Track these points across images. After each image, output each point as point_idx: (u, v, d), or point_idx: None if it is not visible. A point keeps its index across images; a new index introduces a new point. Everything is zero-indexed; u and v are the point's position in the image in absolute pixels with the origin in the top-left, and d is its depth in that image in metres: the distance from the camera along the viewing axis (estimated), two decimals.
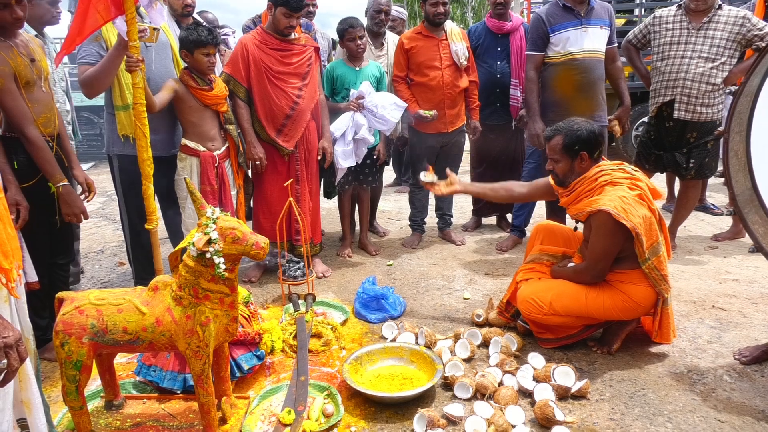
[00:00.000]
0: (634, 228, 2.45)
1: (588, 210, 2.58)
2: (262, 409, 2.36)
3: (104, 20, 2.61)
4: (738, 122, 2.08)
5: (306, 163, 3.70)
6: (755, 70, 1.98)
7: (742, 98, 2.03)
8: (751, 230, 2.06)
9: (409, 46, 4.05)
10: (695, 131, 3.82)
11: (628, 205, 2.48)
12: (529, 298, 2.73)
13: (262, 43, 3.46)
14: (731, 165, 2.12)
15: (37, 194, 2.51)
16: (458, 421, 2.21)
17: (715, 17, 3.68)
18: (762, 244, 2.03)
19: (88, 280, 4.03)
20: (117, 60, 2.83)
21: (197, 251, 1.91)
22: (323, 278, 3.86)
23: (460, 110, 4.24)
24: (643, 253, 2.51)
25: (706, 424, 2.20)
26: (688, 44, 3.73)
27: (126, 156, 3.18)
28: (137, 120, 2.67)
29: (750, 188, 2.07)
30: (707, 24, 3.69)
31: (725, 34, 3.64)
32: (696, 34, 3.71)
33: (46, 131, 2.54)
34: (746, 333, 2.91)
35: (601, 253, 2.60)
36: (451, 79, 4.07)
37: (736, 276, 3.68)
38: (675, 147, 3.90)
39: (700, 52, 3.70)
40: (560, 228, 3.11)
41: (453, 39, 4.06)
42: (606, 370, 2.61)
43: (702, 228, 4.80)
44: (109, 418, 2.26)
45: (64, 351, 1.95)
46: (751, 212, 2.08)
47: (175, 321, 1.97)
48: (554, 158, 2.72)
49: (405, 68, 4.12)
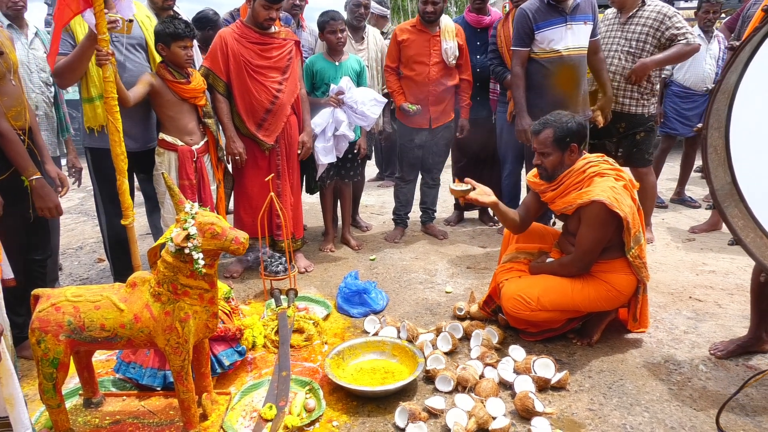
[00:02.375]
0: (626, 217, 2.49)
1: (579, 202, 2.60)
2: (243, 405, 2.35)
3: (74, 13, 2.59)
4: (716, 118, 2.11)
5: (287, 157, 3.68)
6: (731, 68, 2.01)
7: (719, 95, 2.06)
8: (731, 224, 2.09)
9: (401, 38, 4.05)
10: (623, 122, 3.96)
11: (618, 195, 2.53)
12: (516, 296, 2.71)
13: (241, 37, 3.42)
14: (710, 160, 2.14)
15: (9, 189, 2.46)
16: (439, 413, 2.23)
17: (639, 12, 3.82)
18: (741, 236, 2.06)
19: (67, 277, 3.98)
20: (88, 51, 2.79)
21: (176, 247, 1.90)
22: (305, 273, 3.85)
23: (447, 107, 4.23)
24: (630, 241, 2.55)
25: (681, 413, 2.24)
26: (615, 38, 3.92)
27: (97, 149, 3.15)
28: (109, 114, 2.64)
29: (730, 182, 2.10)
30: (631, 19, 3.85)
31: (645, 29, 3.78)
32: (621, 29, 3.89)
33: (16, 124, 2.49)
34: (722, 323, 2.96)
35: (591, 243, 2.62)
36: (438, 76, 4.06)
37: (713, 267, 3.75)
38: (605, 136, 4.03)
39: (623, 46, 3.86)
40: (534, 225, 3.12)
41: (445, 36, 4.04)
42: (585, 361, 2.64)
43: (680, 220, 4.88)
44: (88, 416, 2.24)
45: (40, 348, 1.92)
46: (730, 206, 2.11)
47: (154, 317, 1.96)
48: (544, 152, 2.72)
49: (396, 59, 4.12)
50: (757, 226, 2.02)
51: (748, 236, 2.06)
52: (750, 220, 2.05)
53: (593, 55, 3.78)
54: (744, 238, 2.05)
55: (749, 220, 2.05)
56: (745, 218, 2.07)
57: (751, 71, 1.97)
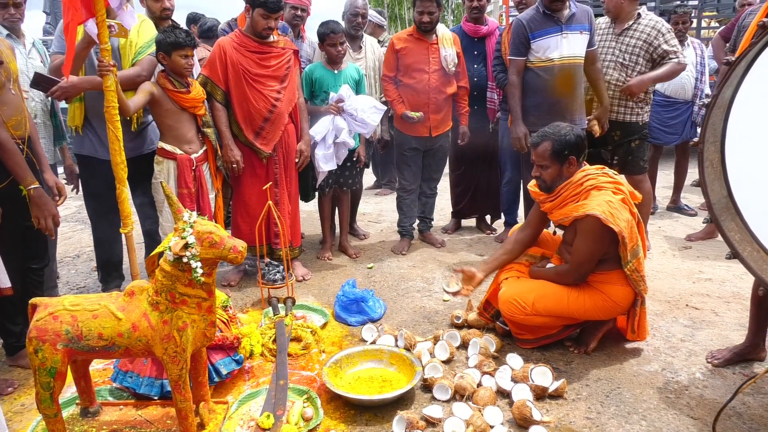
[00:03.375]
0: (621, 232, 2.49)
1: (575, 215, 2.61)
2: (240, 414, 2.34)
3: (77, 22, 2.61)
4: (712, 132, 2.12)
5: (285, 166, 3.69)
6: (727, 83, 2.02)
7: (715, 110, 2.07)
8: (728, 237, 2.09)
9: (399, 47, 4.06)
10: (618, 130, 3.98)
11: (614, 209, 2.52)
12: (512, 299, 2.74)
13: (240, 46, 3.44)
14: (707, 174, 2.15)
15: (7, 198, 2.47)
16: (437, 422, 2.23)
17: (634, 26, 3.84)
18: (738, 250, 2.06)
19: (64, 285, 3.97)
20: (83, 53, 2.88)
21: (174, 256, 1.90)
22: (303, 281, 3.85)
23: (446, 115, 4.24)
24: (626, 255, 2.56)
25: (679, 421, 2.24)
26: (609, 48, 3.93)
27: (79, 156, 3.24)
28: (109, 123, 2.66)
29: (726, 196, 2.11)
30: (626, 31, 3.86)
31: (639, 43, 3.80)
32: (616, 40, 3.90)
33: (16, 134, 2.49)
34: (718, 331, 2.97)
35: (586, 256, 2.64)
36: (438, 84, 4.07)
37: (709, 275, 3.76)
38: (600, 144, 4.05)
39: (616, 57, 3.88)
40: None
41: (443, 44, 4.05)
42: (583, 369, 2.65)
43: (676, 228, 4.89)
44: (85, 426, 2.23)
45: (37, 358, 1.92)
46: (727, 220, 2.11)
47: (152, 326, 1.96)
48: (542, 164, 2.73)
49: (394, 68, 4.12)
50: (754, 240, 2.02)
51: (745, 250, 2.06)
52: (747, 233, 2.05)
53: (590, 65, 3.81)
54: (741, 252, 2.05)
55: (746, 234, 2.05)
56: (742, 232, 2.08)
57: (746, 86, 1.98)
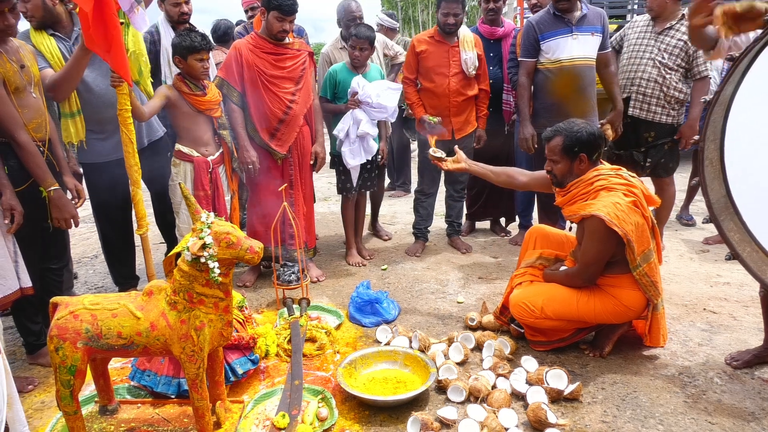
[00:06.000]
0: (626, 235, 2.47)
1: (581, 213, 2.60)
2: (256, 414, 2.36)
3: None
4: (713, 130, 2.09)
5: (300, 167, 3.71)
6: (729, 80, 1.98)
7: (716, 107, 2.04)
8: (728, 237, 2.07)
9: (419, 50, 4.03)
10: (653, 131, 3.93)
11: (621, 212, 2.49)
12: (521, 303, 2.75)
13: (255, 48, 3.47)
14: (707, 173, 2.12)
15: (28, 199, 2.51)
16: (452, 424, 2.23)
17: (677, 25, 3.79)
18: (738, 251, 2.03)
19: (82, 285, 4.02)
20: (82, 61, 2.74)
21: (192, 256, 1.92)
22: (317, 282, 3.86)
23: (469, 117, 4.18)
24: (635, 259, 2.53)
25: (696, 426, 2.22)
26: (648, 47, 3.87)
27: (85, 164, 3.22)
28: (122, 126, 2.69)
29: (725, 195, 2.08)
30: (667, 30, 3.81)
31: (681, 44, 3.75)
32: (655, 38, 3.85)
33: (37, 136, 2.54)
34: (737, 336, 2.93)
35: (593, 257, 2.62)
36: (458, 87, 4.03)
37: (727, 279, 3.72)
38: (633, 145, 4.00)
39: (655, 56, 3.83)
40: (554, 232, 3.14)
41: (464, 47, 4.01)
42: (598, 372, 2.63)
43: (693, 232, 4.84)
44: (104, 423, 2.26)
45: (58, 356, 1.95)
46: (726, 219, 2.09)
47: (170, 325, 1.98)
48: (553, 159, 2.73)
49: (415, 71, 4.09)
50: (753, 240, 2.00)
51: (744, 250, 2.04)
52: (746, 233, 2.02)
53: (604, 68, 3.79)
54: (741, 253, 2.03)
55: (745, 234, 2.03)
56: (741, 232, 2.05)
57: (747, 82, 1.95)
